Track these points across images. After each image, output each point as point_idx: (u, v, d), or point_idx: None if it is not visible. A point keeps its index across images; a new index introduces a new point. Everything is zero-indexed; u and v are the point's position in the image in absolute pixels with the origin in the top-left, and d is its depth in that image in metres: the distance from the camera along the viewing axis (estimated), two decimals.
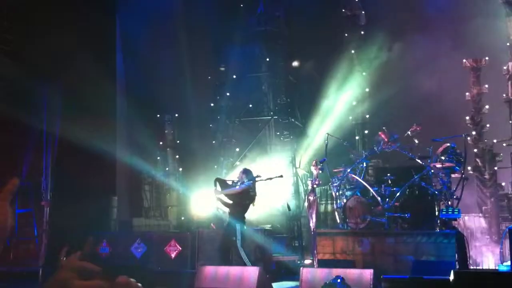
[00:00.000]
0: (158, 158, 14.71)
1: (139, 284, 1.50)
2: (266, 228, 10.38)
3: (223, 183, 9.07)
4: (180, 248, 9.41)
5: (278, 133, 14.56)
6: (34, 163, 11.07)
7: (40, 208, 10.59)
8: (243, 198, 8.72)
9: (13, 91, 11.96)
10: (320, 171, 8.97)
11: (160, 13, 13.94)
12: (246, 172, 8.97)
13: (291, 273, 10.26)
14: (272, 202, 12.01)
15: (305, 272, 7.67)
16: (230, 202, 8.67)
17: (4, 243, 1.41)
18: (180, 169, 14.59)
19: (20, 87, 11.68)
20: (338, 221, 10.06)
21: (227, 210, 8.78)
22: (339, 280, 4.46)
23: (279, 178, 8.94)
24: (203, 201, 11.97)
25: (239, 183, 8.68)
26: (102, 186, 12.66)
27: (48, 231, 10.24)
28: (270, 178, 8.96)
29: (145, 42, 13.71)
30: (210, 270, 8.00)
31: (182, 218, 13.54)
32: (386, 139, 10.25)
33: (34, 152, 11.17)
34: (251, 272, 7.68)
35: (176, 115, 14.85)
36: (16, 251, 11.88)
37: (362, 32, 14.22)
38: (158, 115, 14.86)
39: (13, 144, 11.15)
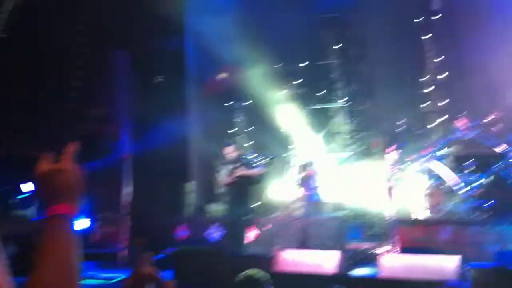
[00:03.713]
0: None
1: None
2: (342, 215, 10.28)
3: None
4: (257, 233, 9.47)
5: (348, 121, 14.35)
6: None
7: (119, 192, 10.90)
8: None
9: (91, 61, 12.36)
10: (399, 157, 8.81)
11: (227, 4, 14.03)
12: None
13: (368, 261, 10.12)
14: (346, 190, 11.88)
15: (385, 259, 7.55)
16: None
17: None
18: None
19: (98, 58, 12.03)
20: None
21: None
22: None
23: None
24: (275, 187, 12.01)
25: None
26: (178, 171, 12.90)
27: (127, 215, 10.55)
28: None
29: (213, 28, 13.82)
30: (288, 253, 8.01)
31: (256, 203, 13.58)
32: (464, 126, 9.95)
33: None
34: (332, 256, 7.63)
35: (246, 102, 14.90)
36: (98, 234, 12.32)
37: (434, 17, 13.79)
38: (229, 103, 14.95)
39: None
